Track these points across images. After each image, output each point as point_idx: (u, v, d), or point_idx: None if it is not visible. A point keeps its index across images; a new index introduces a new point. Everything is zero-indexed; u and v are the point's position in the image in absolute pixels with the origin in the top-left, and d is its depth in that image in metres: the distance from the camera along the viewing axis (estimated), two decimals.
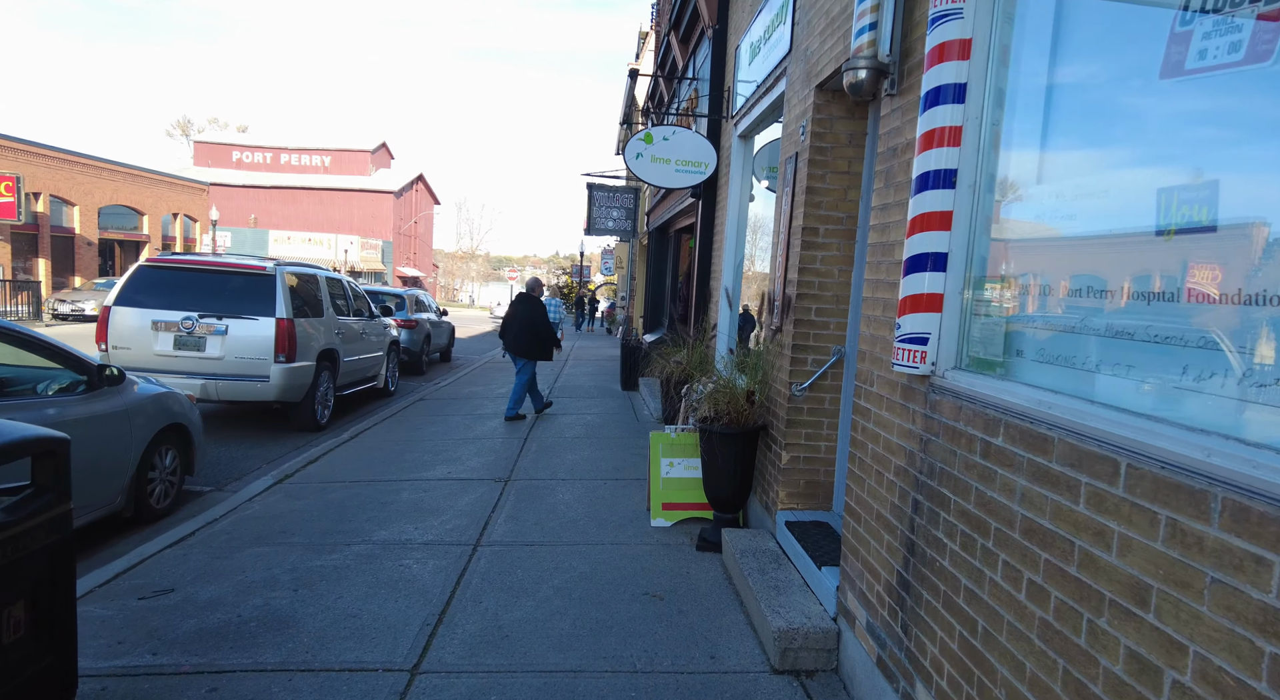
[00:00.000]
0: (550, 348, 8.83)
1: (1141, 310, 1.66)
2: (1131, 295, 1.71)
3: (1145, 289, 1.67)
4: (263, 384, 7.43)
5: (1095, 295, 1.83)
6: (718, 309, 6.66)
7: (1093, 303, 1.84)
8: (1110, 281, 1.80)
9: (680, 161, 6.79)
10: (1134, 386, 1.67)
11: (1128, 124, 1.83)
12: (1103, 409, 1.67)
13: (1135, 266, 1.72)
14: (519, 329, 8.66)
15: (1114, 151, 1.88)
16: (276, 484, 5.84)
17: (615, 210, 16.40)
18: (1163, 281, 1.62)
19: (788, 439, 4.14)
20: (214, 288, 7.57)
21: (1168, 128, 1.68)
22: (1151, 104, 1.73)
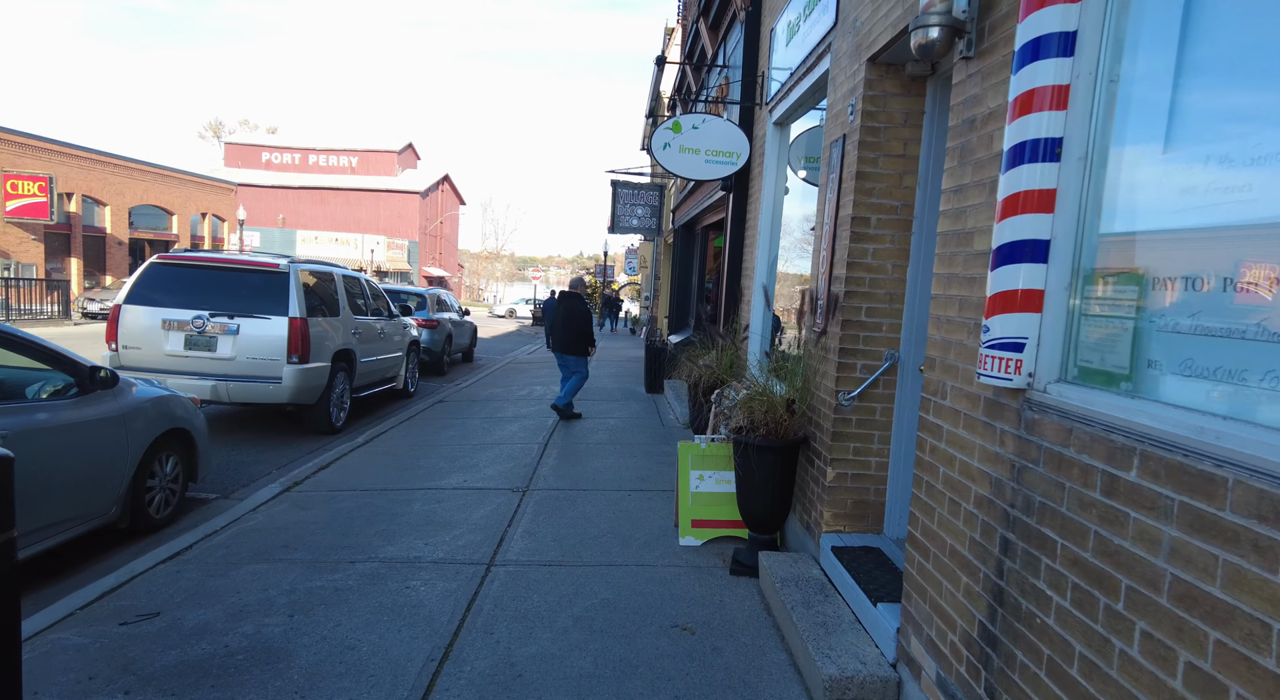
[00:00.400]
0: (586, 345, 8.79)
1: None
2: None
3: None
4: (275, 385, 7.16)
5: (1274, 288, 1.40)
6: (750, 309, 6.24)
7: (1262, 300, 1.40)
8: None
9: (710, 152, 6.38)
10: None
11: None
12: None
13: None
14: (564, 326, 8.68)
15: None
16: (284, 491, 5.55)
17: (640, 208, 16.03)
18: None
19: (833, 454, 3.72)
20: (226, 286, 7.33)
21: None
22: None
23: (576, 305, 8.75)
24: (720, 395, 5.45)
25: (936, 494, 2.53)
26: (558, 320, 8.80)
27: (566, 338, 8.71)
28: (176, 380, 7.00)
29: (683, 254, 12.14)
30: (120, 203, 28.64)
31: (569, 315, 8.71)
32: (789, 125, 6.01)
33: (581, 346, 8.73)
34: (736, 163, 6.42)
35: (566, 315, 8.71)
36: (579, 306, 8.74)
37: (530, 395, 10.76)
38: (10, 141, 23.98)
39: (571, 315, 8.69)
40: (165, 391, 5.07)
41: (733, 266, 6.88)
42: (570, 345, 8.71)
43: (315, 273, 8.05)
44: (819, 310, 4.06)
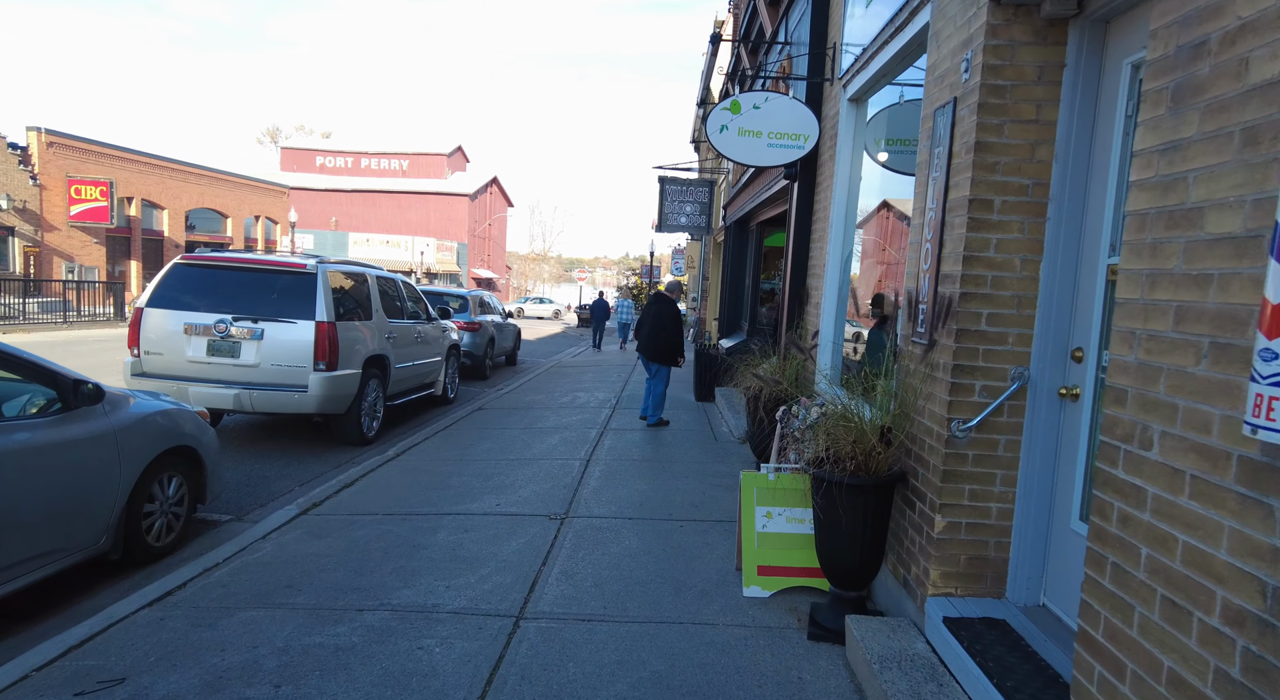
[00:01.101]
0: (674, 355, 8.35)
1: None
2: None
3: None
4: (301, 395, 6.69)
5: None
6: (819, 313, 5.48)
7: None
8: None
9: (774, 134, 5.64)
10: None
11: None
12: None
13: None
14: (653, 331, 8.29)
15: None
16: (301, 515, 5.02)
17: (688, 205, 15.32)
18: None
19: (943, 498, 2.96)
20: (251, 287, 6.89)
21: None
22: None
23: (667, 309, 8.27)
24: (787, 413, 4.71)
25: (1137, 586, 1.76)
26: (645, 324, 8.43)
27: (655, 344, 8.28)
28: (198, 389, 6.60)
29: (735, 253, 11.39)
30: (177, 206, 29.24)
31: (659, 320, 8.23)
32: (866, 101, 5.24)
33: (669, 356, 8.34)
34: (804, 146, 5.66)
35: (656, 320, 8.24)
36: (669, 311, 8.25)
37: (573, 403, 10.16)
38: (75, 148, 24.61)
39: (661, 320, 8.22)
40: (169, 404, 4.58)
41: (797, 265, 6.12)
42: (657, 353, 8.31)
43: (346, 274, 7.59)
44: (920, 317, 3.30)
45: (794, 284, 6.14)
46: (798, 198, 6.09)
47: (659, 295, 8.53)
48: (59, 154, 23.98)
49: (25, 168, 23.11)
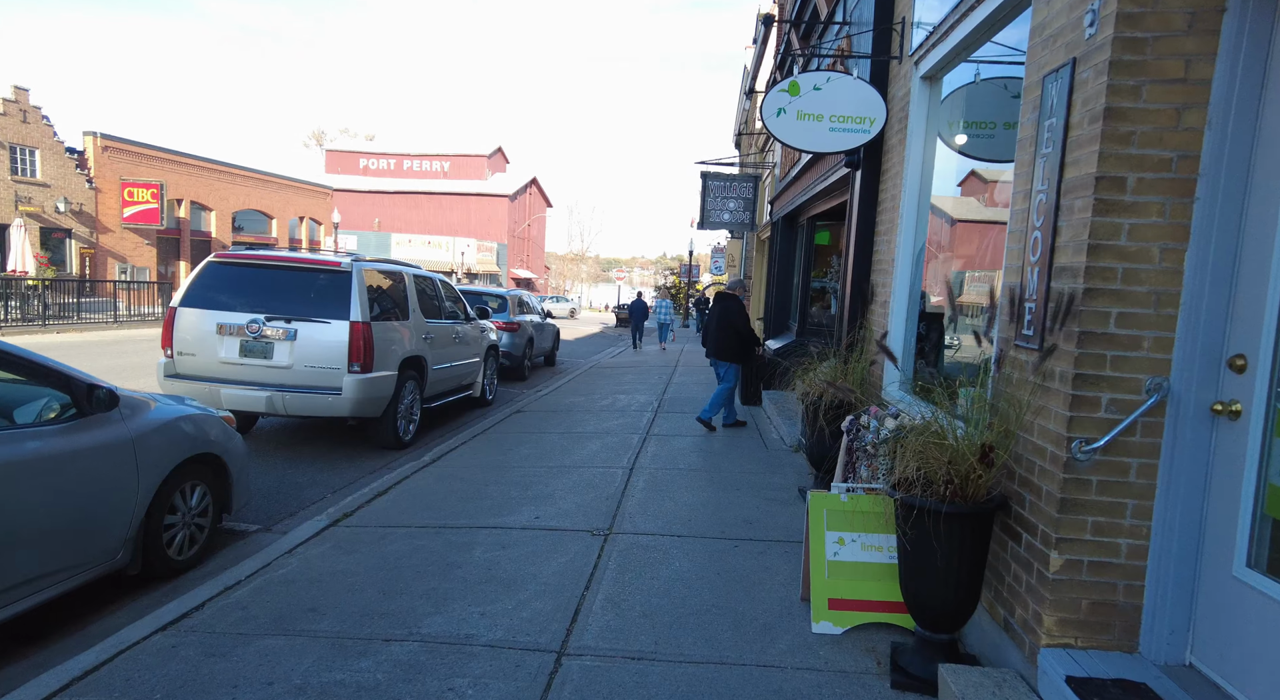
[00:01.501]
0: (747, 350, 8.11)
1: None
2: None
3: None
4: (334, 397, 6.45)
5: None
6: (888, 312, 5.00)
7: None
8: None
9: (837, 118, 5.17)
10: None
11: None
12: None
13: None
14: (718, 329, 8.05)
15: None
16: (331, 526, 4.74)
17: (732, 201, 14.85)
18: None
19: (1061, 531, 2.49)
20: (285, 286, 6.68)
21: None
22: None
23: (732, 306, 8.02)
24: (856, 424, 4.25)
25: None
26: (711, 323, 8.22)
27: (722, 343, 8.02)
28: (230, 391, 6.40)
29: (783, 250, 10.89)
30: (224, 207, 29.81)
31: (724, 318, 8.00)
32: (941, 80, 4.74)
33: (741, 353, 8.04)
34: (869, 130, 5.19)
35: (722, 318, 8.01)
36: (734, 307, 8.00)
37: (614, 406, 9.80)
38: (128, 151, 25.22)
39: (727, 317, 7.98)
40: (193, 409, 4.34)
41: (859, 260, 5.64)
42: (726, 351, 8.02)
43: (382, 272, 7.34)
44: (1027, 317, 2.83)
45: (856, 281, 5.66)
46: (860, 187, 5.61)
47: (722, 294, 8.28)
48: (113, 158, 24.59)
49: (82, 171, 23.74)
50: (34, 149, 22.29)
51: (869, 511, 3.47)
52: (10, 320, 16.68)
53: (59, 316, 17.87)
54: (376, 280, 7.14)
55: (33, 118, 22.19)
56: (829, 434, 5.15)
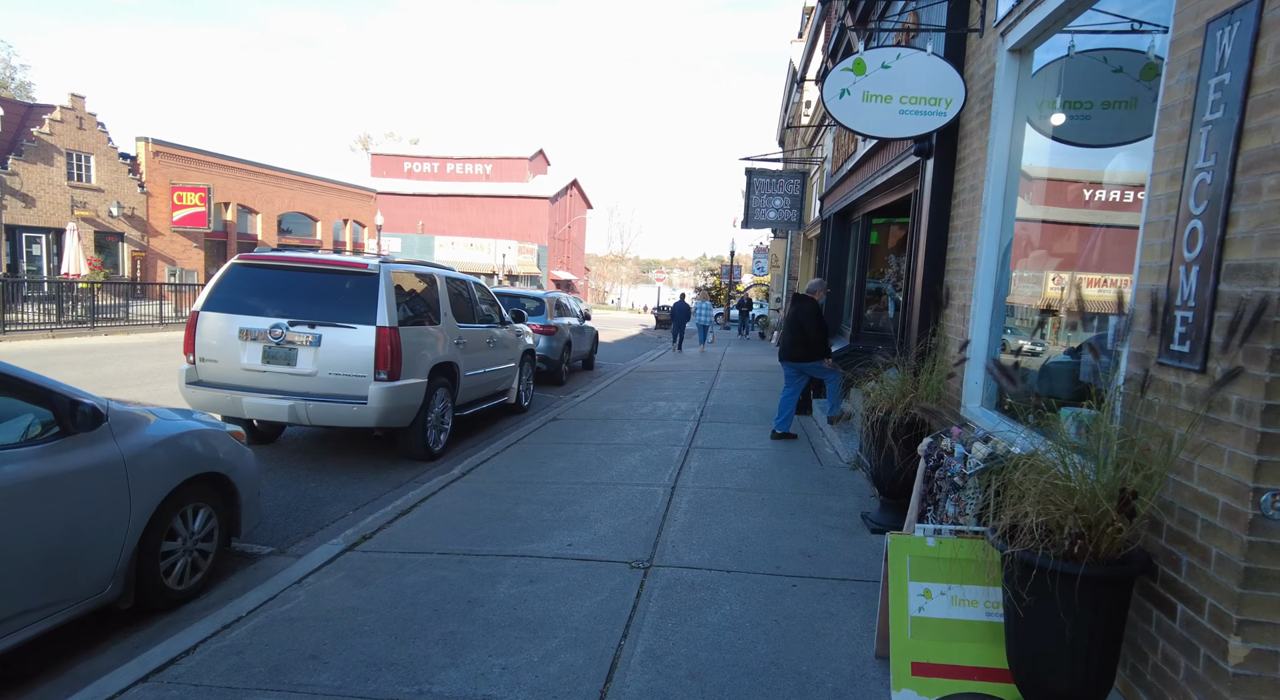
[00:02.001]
0: (820, 352, 7.60)
1: None
2: None
3: None
4: (359, 407, 6.09)
5: None
6: (967, 317, 4.40)
7: None
8: None
9: (908, 99, 4.59)
10: None
11: None
12: None
13: None
14: (789, 331, 7.67)
15: None
16: (347, 551, 4.35)
17: (778, 198, 14.22)
18: None
19: (1245, 611, 1.91)
20: (310, 290, 6.36)
21: None
22: None
23: (806, 308, 7.56)
24: (937, 449, 3.67)
25: None
26: (784, 326, 7.82)
27: (794, 344, 7.59)
28: (252, 399, 6.10)
29: (835, 248, 10.25)
30: (270, 210, 30.25)
31: (797, 320, 7.54)
32: (1032, 53, 4.14)
33: (813, 354, 7.58)
34: (945, 113, 4.59)
35: (795, 320, 7.57)
36: (808, 309, 7.53)
37: (654, 414, 9.30)
38: (178, 156, 25.72)
39: (800, 319, 7.52)
40: (199, 424, 3.98)
41: (931, 259, 5.04)
42: (799, 352, 7.61)
43: (412, 275, 6.98)
44: (1176, 330, 2.24)
45: (927, 282, 5.05)
46: (933, 178, 5.00)
47: (797, 296, 7.87)
48: (164, 162, 25.08)
49: (134, 176, 24.25)
50: (89, 155, 22.84)
51: (961, 558, 2.90)
52: (63, 322, 16.97)
53: (108, 319, 18.16)
54: (406, 283, 6.78)
55: (88, 124, 22.74)
56: (899, 455, 4.57)
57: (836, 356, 9.10)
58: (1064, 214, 4.15)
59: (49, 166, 21.93)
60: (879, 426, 4.65)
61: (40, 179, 21.74)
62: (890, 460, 4.62)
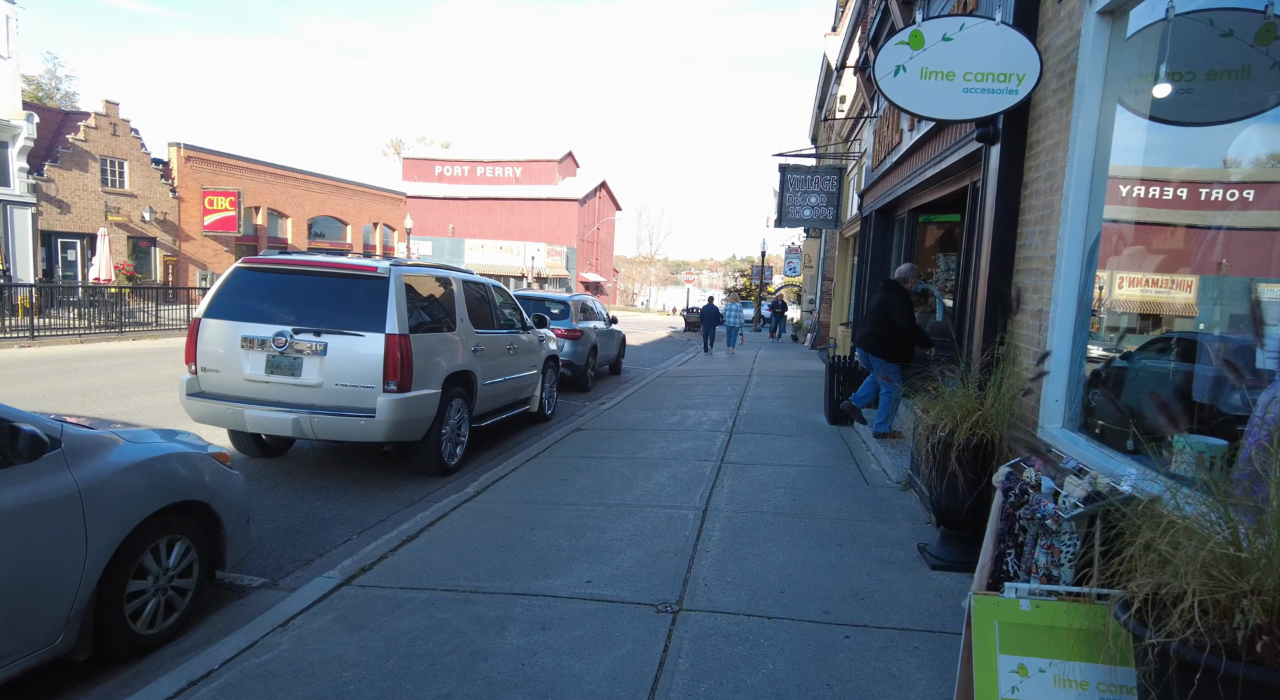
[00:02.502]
0: (908, 349, 6.85)
1: None
2: None
3: None
4: (367, 420, 5.68)
5: None
6: (1046, 324, 3.81)
7: None
8: None
9: (973, 75, 4.02)
10: None
11: None
12: None
13: None
14: (872, 320, 6.92)
15: None
16: (343, 585, 3.92)
17: (813, 195, 13.60)
18: None
19: None
20: (316, 294, 5.98)
21: None
22: None
23: (895, 298, 6.77)
24: (1019, 482, 3.10)
25: None
26: (867, 315, 7.06)
27: (876, 336, 6.88)
28: (254, 412, 5.73)
29: (876, 247, 9.63)
30: (300, 214, 30.39)
31: (883, 309, 6.78)
32: (1127, 14, 3.54)
33: (897, 351, 6.83)
34: (1017, 90, 4.01)
35: (880, 310, 6.80)
36: (898, 300, 6.76)
37: (683, 424, 8.78)
38: (209, 161, 25.92)
39: (886, 309, 6.76)
40: (179, 447, 3.59)
41: (998, 257, 4.45)
42: (881, 346, 6.87)
43: (425, 278, 6.57)
44: None
45: (993, 284, 4.46)
46: (999, 166, 4.41)
47: (888, 282, 7.05)
48: (195, 167, 25.28)
49: (166, 181, 24.46)
50: (123, 160, 23.09)
51: (1066, 627, 2.34)
52: (94, 327, 17.02)
53: (138, 323, 18.20)
54: (419, 287, 6.36)
55: (122, 131, 22.98)
56: (964, 482, 4.01)
57: None
58: (1166, 205, 3.55)
59: (84, 173, 22.20)
60: (940, 448, 4.08)
61: (75, 185, 22.01)
62: (954, 488, 4.05)
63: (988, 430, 3.98)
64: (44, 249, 21.46)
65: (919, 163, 6.96)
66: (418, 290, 6.34)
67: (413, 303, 6.13)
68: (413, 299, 6.15)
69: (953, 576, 4.12)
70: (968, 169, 5.73)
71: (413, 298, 6.16)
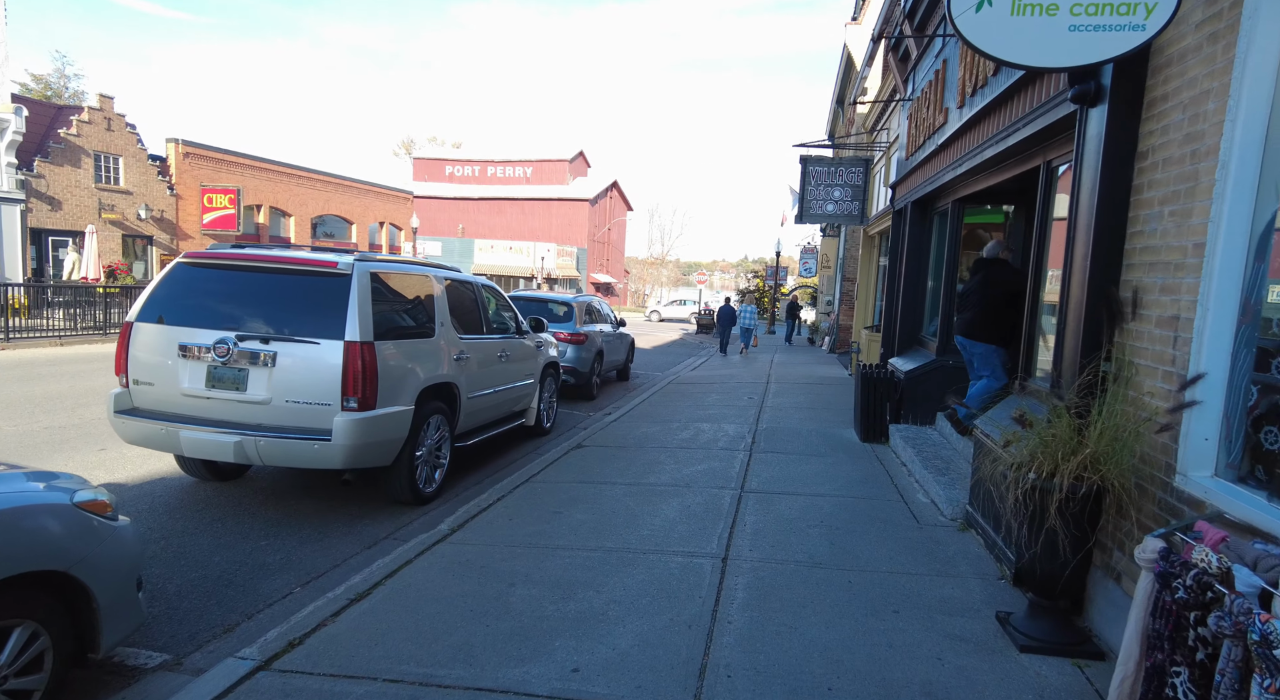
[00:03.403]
0: (1008, 333, 5.83)
1: None
2: None
3: None
4: (322, 444, 4.79)
5: None
6: (1187, 339, 2.84)
7: None
8: None
9: (1085, 7, 3.06)
10: None
11: None
12: None
13: None
14: (973, 304, 5.98)
15: None
16: (259, 669, 3.03)
17: (836, 189, 12.63)
18: None
19: None
20: (267, 295, 5.11)
21: None
22: None
23: (1001, 276, 5.88)
24: (1180, 562, 2.14)
25: None
26: (970, 297, 6.07)
27: (982, 319, 5.92)
28: (190, 433, 4.85)
29: (914, 243, 8.64)
30: (303, 213, 29.68)
31: (985, 288, 5.89)
32: None
33: (996, 333, 5.88)
34: (1144, 25, 3.05)
35: (983, 288, 5.90)
36: (1004, 277, 5.86)
37: (696, 440, 7.84)
38: (208, 157, 25.23)
39: (989, 287, 5.86)
40: (26, 499, 2.69)
41: (1101, 249, 3.49)
42: (986, 330, 5.93)
43: (399, 275, 5.67)
44: None
45: (1095, 283, 3.50)
46: (1105, 131, 3.45)
47: (987, 261, 6.06)
48: (194, 164, 24.59)
49: (163, 178, 23.78)
50: (118, 156, 22.40)
51: None
52: (80, 329, 16.30)
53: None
54: (392, 286, 5.47)
55: (117, 125, 22.29)
56: (1067, 541, 3.06)
57: (918, 376, 7.51)
58: None
59: (76, 168, 21.54)
60: (1035, 496, 3.13)
61: (67, 181, 21.35)
62: (1053, 547, 3.09)
63: (1099, 474, 3.03)
64: (34, 247, 20.81)
65: (972, 143, 5.98)
66: (390, 290, 5.45)
67: (382, 305, 5.24)
68: (383, 300, 5.26)
69: (1050, 663, 3.17)
70: (1039, 146, 4.77)
71: (383, 299, 5.27)
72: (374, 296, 5.16)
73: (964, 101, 6.20)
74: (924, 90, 8.01)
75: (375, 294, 5.17)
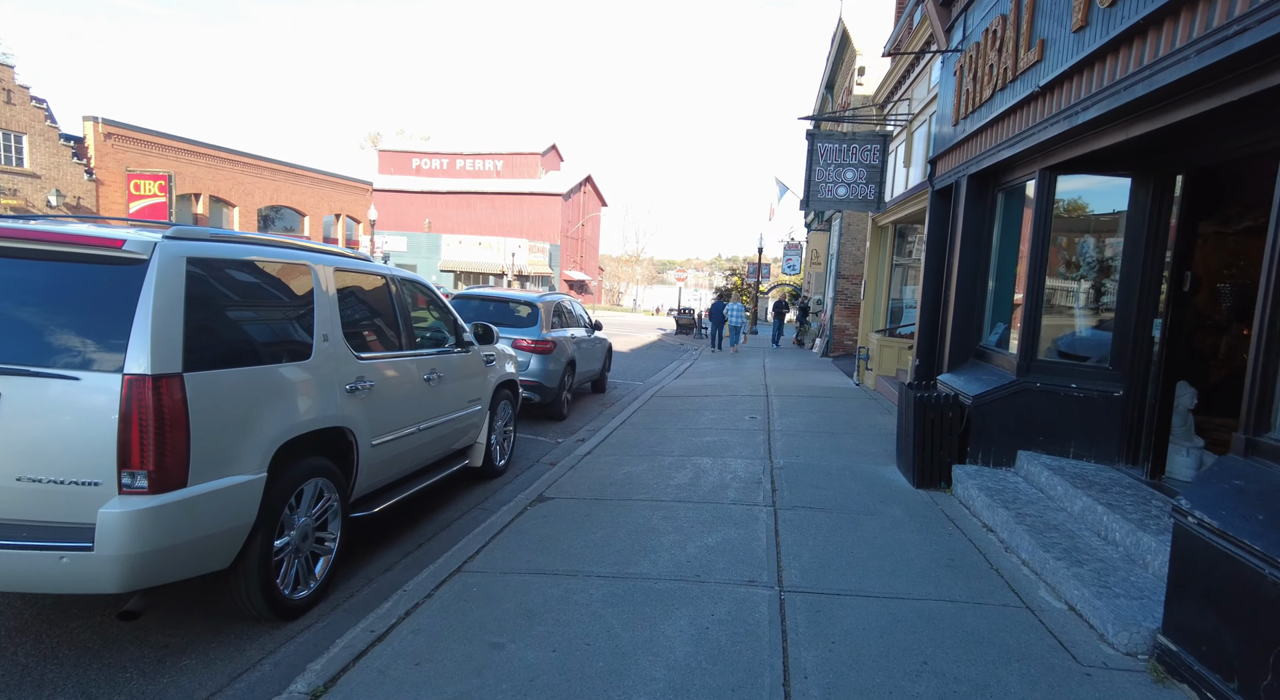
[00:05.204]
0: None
1: None
2: None
3: None
4: (73, 557, 2.74)
5: None
6: None
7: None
8: None
9: None
10: None
11: None
12: None
13: None
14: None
15: None
16: None
17: (849, 170, 10.77)
18: None
19: None
20: (7, 294, 3.04)
21: None
22: None
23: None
24: None
25: None
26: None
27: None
28: None
29: (968, 230, 6.78)
30: (249, 203, 27.16)
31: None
32: None
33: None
34: None
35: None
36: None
37: (697, 486, 5.90)
38: (135, 140, 22.68)
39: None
40: None
41: None
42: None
43: (248, 263, 3.63)
44: None
45: None
46: None
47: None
48: (118, 146, 22.03)
49: (80, 161, 21.20)
50: (21, 134, 19.77)
51: None
52: None
53: None
54: (230, 281, 3.44)
55: (19, 98, 19.64)
56: None
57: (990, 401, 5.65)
58: None
59: None
60: None
61: None
62: None
63: None
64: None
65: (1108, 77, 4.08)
66: (229, 288, 3.42)
67: (211, 311, 3.21)
68: (212, 304, 3.24)
69: None
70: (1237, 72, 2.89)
71: (212, 302, 3.24)
72: (196, 298, 3.12)
73: (1085, 21, 4.33)
74: (990, 30, 6.15)
75: (197, 294, 3.14)
